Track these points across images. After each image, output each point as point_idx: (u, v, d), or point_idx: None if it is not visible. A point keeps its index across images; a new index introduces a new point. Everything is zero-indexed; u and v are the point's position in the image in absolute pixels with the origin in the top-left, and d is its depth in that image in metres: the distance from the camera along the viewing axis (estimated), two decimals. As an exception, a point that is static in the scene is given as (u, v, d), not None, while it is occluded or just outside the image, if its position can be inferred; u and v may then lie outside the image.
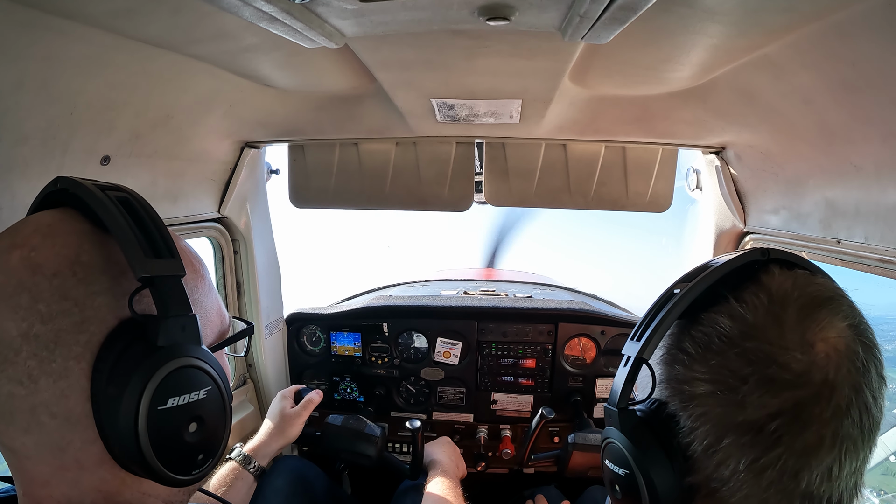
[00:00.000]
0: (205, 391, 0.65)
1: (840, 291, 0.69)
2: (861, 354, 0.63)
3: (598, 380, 2.27)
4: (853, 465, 0.62)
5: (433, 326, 2.30)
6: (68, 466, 0.60)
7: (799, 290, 0.66)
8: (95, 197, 0.63)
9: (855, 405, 0.61)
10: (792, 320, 0.63)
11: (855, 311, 0.67)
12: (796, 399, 0.61)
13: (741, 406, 0.62)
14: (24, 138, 1.06)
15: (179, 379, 0.62)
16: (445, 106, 1.58)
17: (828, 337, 0.62)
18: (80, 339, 0.59)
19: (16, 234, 0.62)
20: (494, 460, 2.27)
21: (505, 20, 0.92)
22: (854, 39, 0.95)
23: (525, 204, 2.15)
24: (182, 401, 0.62)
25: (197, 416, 0.64)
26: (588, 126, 1.78)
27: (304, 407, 1.75)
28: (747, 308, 0.66)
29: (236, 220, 2.02)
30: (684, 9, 0.94)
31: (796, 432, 0.60)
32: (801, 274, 0.69)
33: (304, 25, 0.93)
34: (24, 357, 0.57)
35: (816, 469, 0.61)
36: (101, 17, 0.98)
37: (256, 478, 1.54)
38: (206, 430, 0.66)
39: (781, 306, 0.65)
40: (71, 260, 0.60)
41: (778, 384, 0.61)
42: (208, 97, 1.52)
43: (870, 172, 1.17)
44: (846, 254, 1.28)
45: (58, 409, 0.58)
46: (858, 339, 0.64)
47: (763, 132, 1.49)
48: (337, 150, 2.07)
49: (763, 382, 0.61)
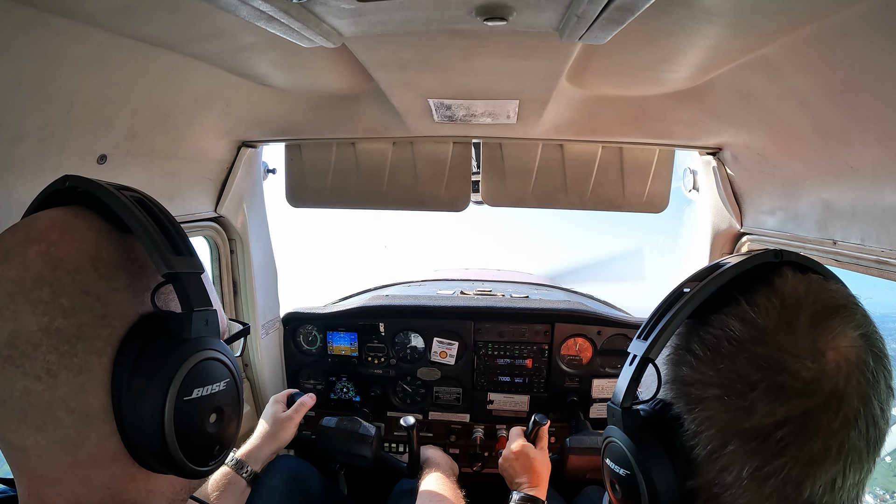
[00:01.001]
0: (224, 383, 0.68)
1: (853, 299, 0.67)
2: (871, 365, 0.62)
3: (594, 380, 2.27)
4: (857, 477, 0.62)
5: (430, 326, 2.30)
6: (81, 463, 0.61)
7: (813, 295, 0.65)
8: (115, 197, 0.64)
9: (863, 416, 0.60)
10: (804, 327, 0.62)
11: (867, 320, 0.66)
12: (805, 408, 0.60)
13: (748, 412, 0.61)
14: (21, 137, 1.06)
15: (203, 370, 0.65)
16: (442, 106, 1.57)
17: (839, 346, 0.61)
18: (102, 333, 0.60)
19: (30, 229, 0.62)
20: (490, 460, 2.26)
21: (502, 20, 0.92)
22: (851, 41, 0.95)
23: (522, 204, 2.15)
24: (205, 392, 0.65)
25: (217, 407, 0.67)
26: (585, 126, 1.78)
27: (295, 410, 1.74)
28: (759, 312, 0.64)
29: (233, 219, 2.02)
30: (681, 10, 0.94)
31: (803, 442, 0.60)
32: (814, 279, 0.68)
33: (302, 25, 0.93)
34: (43, 352, 0.57)
35: (820, 480, 0.60)
36: (98, 15, 0.97)
37: (249, 483, 1.52)
38: (224, 421, 0.69)
39: (794, 312, 0.63)
40: (92, 256, 0.62)
41: (787, 392, 0.60)
42: (205, 96, 1.52)
43: (866, 174, 1.17)
44: (842, 255, 1.28)
45: (76, 404, 0.59)
46: (869, 350, 0.63)
47: (760, 133, 1.49)
48: (334, 150, 2.07)
49: (772, 389, 0.60)
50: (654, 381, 0.70)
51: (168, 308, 0.67)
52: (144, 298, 0.64)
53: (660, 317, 0.70)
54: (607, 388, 2.28)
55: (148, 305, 0.64)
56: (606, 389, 2.28)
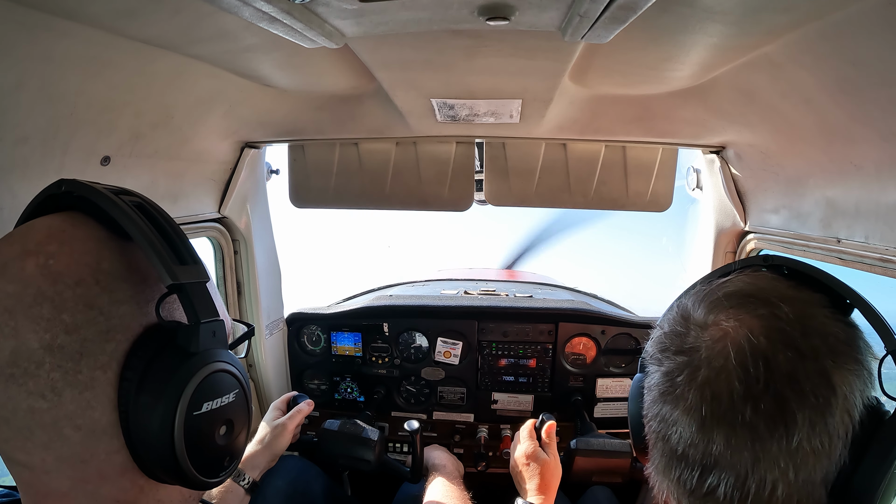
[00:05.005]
0: (233, 394, 0.66)
1: (776, 296, 0.70)
2: (765, 345, 0.64)
3: (598, 379, 2.26)
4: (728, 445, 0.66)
5: (433, 326, 2.30)
6: (89, 478, 0.60)
7: (739, 286, 0.74)
8: (113, 203, 0.62)
9: (729, 387, 0.65)
10: (708, 307, 0.73)
11: (788, 316, 0.66)
12: (680, 363, 0.70)
13: (660, 363, 0.74)
14: (25, 138, 1.06)
15: (213, 383, 0.63)
16: (445, 106, 1.57)
17: (723, 323, 0.69)
18: (107, 348, 0.58)
19: (26, 240, 0.60)
20: (495, 460, 2.26)
21: (505, 20, 0.92)
22: (854, 38, 0.95)
23: (525, 204, 2.15)
24: (215, 405, 0.63)
25: (227, 419, 0.65)
26: (588, 125, 1.78)
27: (290, 418, 1.70)
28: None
29: (236, 220, 2.02)
30: (684, 8, 0.94)
31: (680, 384, 0.69)
32: (764, 275, 0.76)
33: (304, 25, 0.93)
34: (46, 369, 0.56)
35: (683, 430, 0.68)
36: (101, 17, 0.98)
37: (248, 491, 1.49)
38: (234, 432, 0.67)
39: (704, 297, 0.75)
40: (93, 268, 0.59)
41: (677, 351, 0.72)
42: (208, 97, 1.52)
43: (870, 172, 1.17)
44: (846, 253, 1.28)
45: (82, 421, 0.57)
46: (769, 336, 0.65)
47: (763, 131, 1.49)
48: (337, 150, 2.07)
49: (675, 348, 0.72)
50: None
51: (173, 318, 0.65)
52: (149, 310, 0.62)
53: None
54: (612, 388, 2.27)
55: (152, 317, 0.62)
56: (611, 389, 2.27)
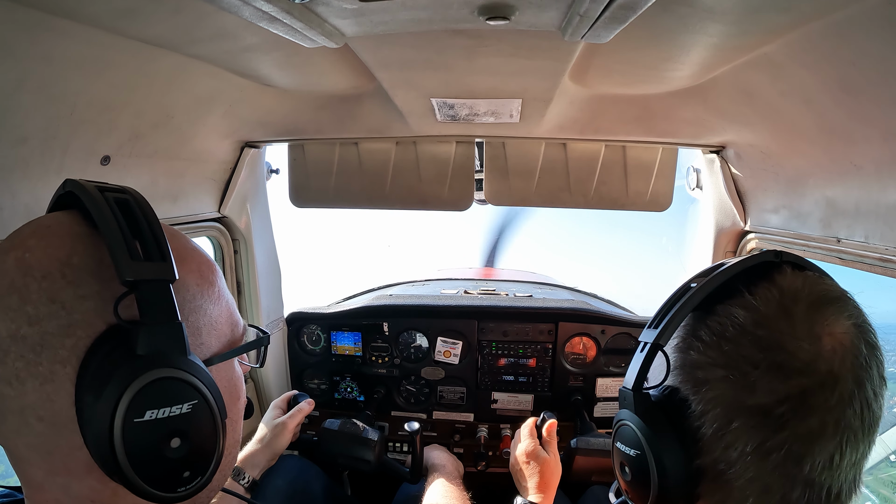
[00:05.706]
0: (189, 405, 0.61)
1: (846, 293, 0.72)
2: (864, 352, 0.66)
3: (598, 379, 2.26)
4: (853, 457, 0.65)
5: (433, 326, 2.30)
6: (58, 471, 0.59)
7: (808, 288, 0.69)
8: (92, 198, 0.61)
9: (857, 397, 0.64)
10: (801, 314, 0.67)
11: (860, 311, 0.70)
12: (803, 386, 0.63)
13: (751, 390, 0.65)
14: (25, 138, 1.06)
15: (159, 391, 0.59)
16: (445, 105, 1.57)
17: (834, 332, 0.65)
18: (67, 343, 0.57)
19: (15, 237, 0.61)
20: (495, 459, 2.26)
21: (505, 20, 0.92)
22: (854, 38, 0.95)
23: (525, 203, 2.16)
24: (161, 414, 0.58)
25: (180, 430, 0.60)
26: (588, 125, 1.78)
27: (290, 417, 1.71)
28: (760, 301, 0.69)
29: (236, 219, 2.02)
30: (684, 8, 0.94)
31: (801, 417, 0.63)
32: (810, 275, 0.73)
33: (304, 25, 0.93)
34: (12, 358, 0.56)
35: (819, 456, 0.63)
36: (101, 17, 0.98)
37: (248, 490, 1.50)
38: (193, 446, 0.61)
39: (792, 301, 0.68)
40: (61, 262, 0.59)
41: (786, 370, 0.64)
42: (208, 97, 1.52)
43: (870, 171, 1.17)
44: (846, 253, 1.28)
45: (44, 413, 0.57)
46: (862, 338, 0.67)
47: (763, 131, 1.49)
48: (337, 150, 2.07)
49: (773, 368, 0.64)
50: (662, 369, 0.74)
51: (137, 319, 0.61)
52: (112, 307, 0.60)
53: (669, 308, 0.74)
54: (611, 387, 2.27)
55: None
56: (611, 388, 2.27)
